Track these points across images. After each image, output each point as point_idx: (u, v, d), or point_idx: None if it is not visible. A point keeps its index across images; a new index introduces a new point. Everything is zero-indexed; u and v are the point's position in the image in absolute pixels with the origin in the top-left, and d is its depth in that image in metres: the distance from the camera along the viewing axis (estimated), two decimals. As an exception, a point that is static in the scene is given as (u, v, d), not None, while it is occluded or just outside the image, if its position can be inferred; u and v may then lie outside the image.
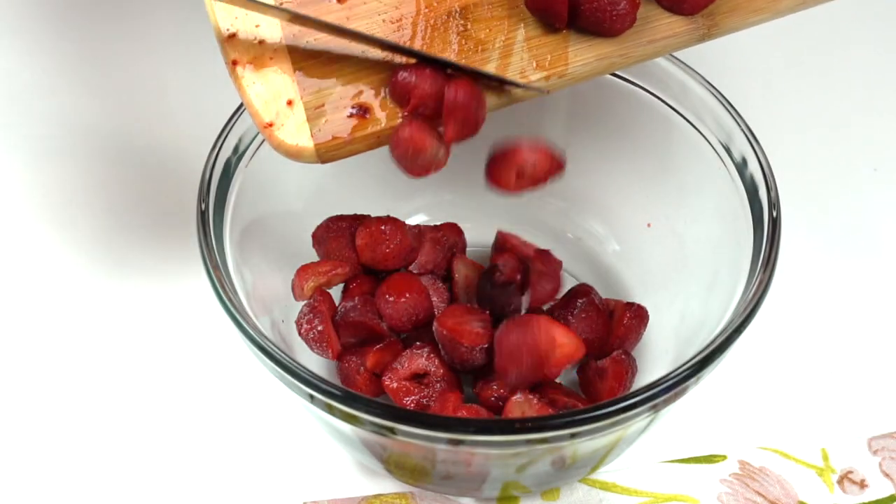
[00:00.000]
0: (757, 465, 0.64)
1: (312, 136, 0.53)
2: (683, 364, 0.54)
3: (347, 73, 0.54)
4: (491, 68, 0.54)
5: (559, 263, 0.65)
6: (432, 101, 0.53)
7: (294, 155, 0.53)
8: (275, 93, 0.53)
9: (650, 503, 0.62)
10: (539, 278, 0.65)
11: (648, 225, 0.69)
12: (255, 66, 0.53)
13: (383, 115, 0.54)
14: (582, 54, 0.55)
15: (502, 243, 0.68)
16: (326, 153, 0.53)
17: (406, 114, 0.53)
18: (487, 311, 0.63)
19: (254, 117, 0.53)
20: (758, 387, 0.67)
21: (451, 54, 0.54)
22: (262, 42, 0.54)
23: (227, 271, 0.58)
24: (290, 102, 0.53)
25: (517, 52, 0.55)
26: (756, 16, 0.57)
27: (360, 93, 0.54)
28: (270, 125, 0.53)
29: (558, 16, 0.55)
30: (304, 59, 0.54)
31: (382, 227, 0.65)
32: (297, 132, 0.53)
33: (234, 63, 0.53)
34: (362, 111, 0.53)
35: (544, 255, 0.66)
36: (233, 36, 0.53)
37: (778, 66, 0.84)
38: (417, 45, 0.54)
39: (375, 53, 0.54)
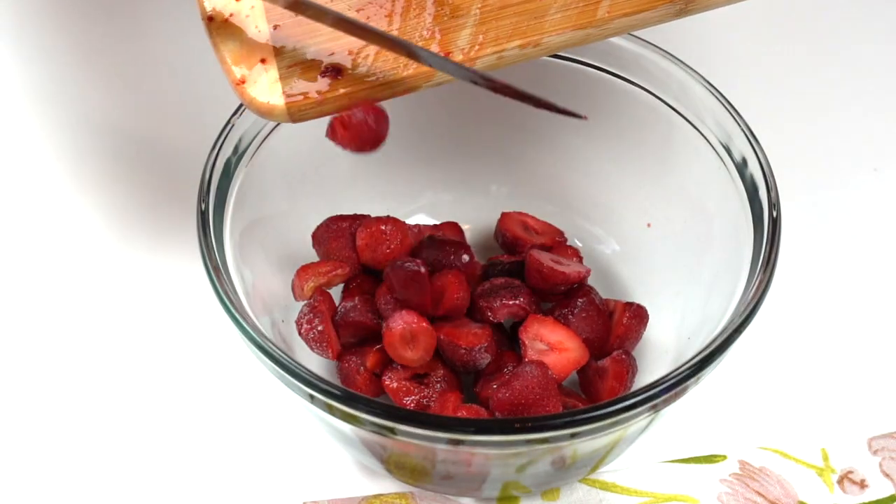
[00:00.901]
0: (757, 465, 0.64)
1: (284, 94, 0.53)
2: (683, 364, 0.54)
3: (323, 33, 0.54)
4: (465, 35, 0.54)
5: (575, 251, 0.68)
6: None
7: (265, 113, 0.53)
8: (249, 50, 0.53)
9: (650, 503, 0.62)
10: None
11: (648, 225, 0.69)
12: (230, 22, 0.53)
13: (356, 77, 0.53)
14: (559, 24, 0.55)
15: (503, 236, 0.69)
16: (297, 112, 0.53)
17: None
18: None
19: (226, 74, 0.53)
20: (758, 387, 0.67)
21: (426, 18, 0.54)
22: None
23: (227, 271, 0.58)
24: (263, 60, 0.53)
25: (493, 19, 0.55)
26: None
27: (334, 53, 0.53)
28: (242, 82, 0.53)
29: None
30: (281, 18, 0.54)
31: (383, 228, 0.65)
32: (269, 90, 0.53)
33: (210, 19, 0.53)
34: (335, 72, 0.53)
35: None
36: None
37: (778, 66, 0.84)
38: (396, 9, 0.54)
39: (351, 15, 0.54)
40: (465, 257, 0.65)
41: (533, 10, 0.55)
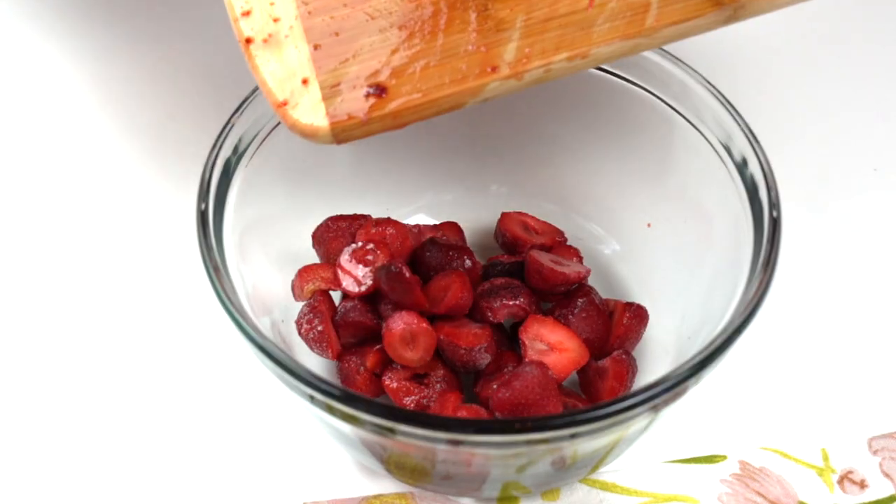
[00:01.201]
0: (757, 465, 0.64)
1: (328, 115, 0.52)
2: (683, 364, 0.54)
3: (364, 52, 0.53)
4: (511, 48, 0.54)
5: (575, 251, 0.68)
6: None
7: (309, 135, 0.52)
8: (289, 71, 0.52)
9: (650, 503, 0.62)
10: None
11: (648, 225, 0.69)
12: (269, 44, 0.53)
13: (401, 96, 0.53)
14: (607, 34, 0.54)
15: (503, 235, 0.69)
16: (342, 133, 0.52)
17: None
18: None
19: (267, 96, 0.52)
20: (758, 387, 0.67)
21: (471, 33, 0.54)
22: (276, 20, 0.53)
23: (227, 271, 0.58)
24: (305, 81, 0.52)
25: (538, 32, 0.54)
26: None
27: (377, 72, 0.53)
28: (284, 104, 0.52)
29: None
30: (320, 38, 0.53)
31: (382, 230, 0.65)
32: (312, 111, 0.52)
33: (248, 41, 0.53)
34: (379, 91, 0.52)
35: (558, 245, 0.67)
36: (247, 13, 0.53)
37: (778, 66, 0.84)
38: (439, 24, 0.54)
39: (393, 32, 0.54)
40: (468, 262, 0.65)
41: (579, 21, 0.54)
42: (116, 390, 0.67)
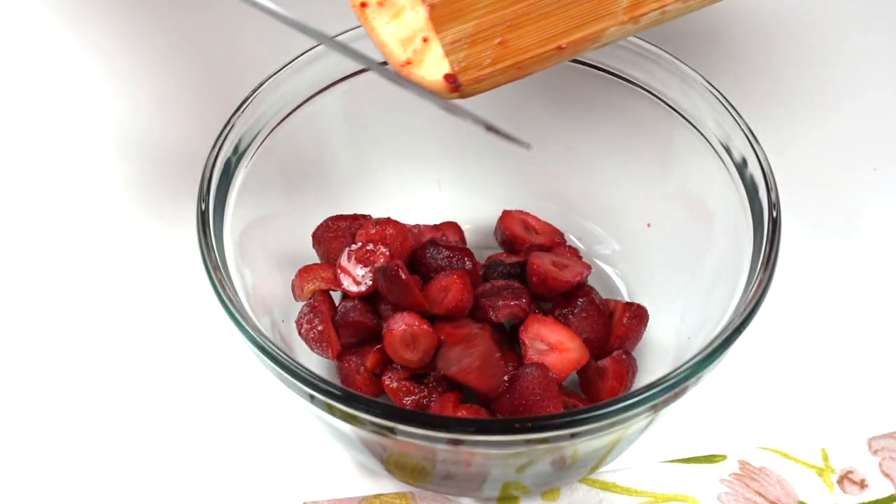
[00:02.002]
0: (757, 465, 0.64)
1: (452, 71, 0.53)
2: (683, 364, 0.54)
3: (481, 7, 0.54)
4: None
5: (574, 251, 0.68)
6: None
7: (436, 91, 0.53)
8: (408, 31, 0.54)
9: (650, 503, 0.62)
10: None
11: (648, 225, 0.69)
12: (384, 6, 0.54)
13: (519, 46, 0.54)
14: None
15: (503, 234, 0.68)
16: (467, 87, 0.54)
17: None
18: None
19: (388, 57, 0.54)
20: (758, 387, 0.67)
21: None
22: None
23: (227, 271, 0.58)
24: (425, 39, 0.54)
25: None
26: None
27: (495, 26, 0.54)
28: (408, 63, 0.53)
29: None
30: None
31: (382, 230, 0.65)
32: (436, 68, 0.53)
33: (363, 6, 0.54)
34: (499, 44, 0.54)
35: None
36: None
37: (778, 66, 0.84)
38: None
39: None
40: (468, 263, 0.65)
41: None
42: (116, 390, 0.67)
